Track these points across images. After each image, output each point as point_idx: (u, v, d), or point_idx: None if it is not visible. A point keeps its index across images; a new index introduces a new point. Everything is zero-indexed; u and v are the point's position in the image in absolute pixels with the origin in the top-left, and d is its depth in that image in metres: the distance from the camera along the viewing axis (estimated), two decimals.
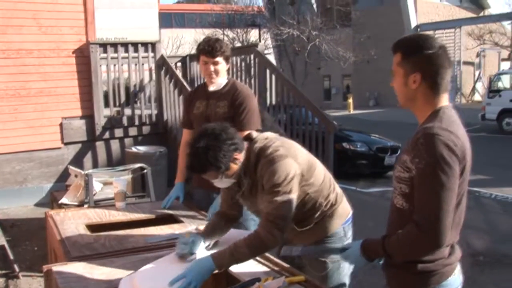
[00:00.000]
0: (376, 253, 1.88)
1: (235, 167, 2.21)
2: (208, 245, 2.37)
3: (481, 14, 30.77)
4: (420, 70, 1.78)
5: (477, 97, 28.31)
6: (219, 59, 3.19)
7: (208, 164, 2.13)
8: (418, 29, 26.93)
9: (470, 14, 29.84)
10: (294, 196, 2.17)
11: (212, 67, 3.19)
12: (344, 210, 2.47)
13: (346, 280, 2.49)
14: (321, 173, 2.38)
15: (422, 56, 1.78)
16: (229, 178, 2.24)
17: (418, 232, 1.70)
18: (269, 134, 2.34)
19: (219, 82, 3.25)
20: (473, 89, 29.00)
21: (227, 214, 2.47)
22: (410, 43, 1.83)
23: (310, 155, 2.39)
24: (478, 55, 28.94)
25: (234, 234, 2.49)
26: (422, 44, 1.79)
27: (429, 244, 1.71)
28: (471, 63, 29.18)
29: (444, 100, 1.83)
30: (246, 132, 3.04)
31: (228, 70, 3.35)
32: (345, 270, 2.44)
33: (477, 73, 29.09)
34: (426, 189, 1.70)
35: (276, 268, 2.24)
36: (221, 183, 2.26)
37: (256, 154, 2.23)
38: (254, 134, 2.35)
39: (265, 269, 2.25)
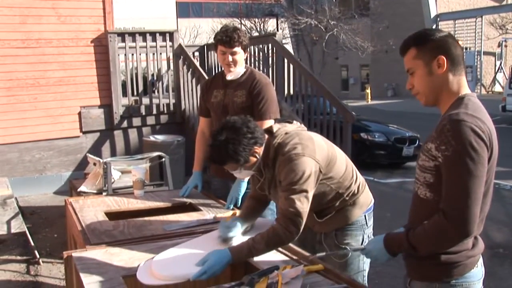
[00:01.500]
0: (399, 246, 1.83)
1: (254, 160, 2.23)
2: (247, 228, 2.43)
3: (504, 2, 30.17)
4: (441, 52, 1.77)
5: (497, 88, 27.82)
6: (237, 49, 3.16)
7: (228, 157, 2.17)
8: (438, 19, 26.52)
9: (492, 3, 29.24)
10: (310, 194, 2.18)
11: (230, 57, 3.17)
12: (366, 199, 2.46)
13: (366, 268, 2.48)
14: (342, 165, 2.36)
15: (437, 40, 1.78)
16: (248, 170, 2.27)
17: (445, 221, 1.67)
18: (290, 128, 2.32)
19: (237, 71, 3.23)
20: (494, 80, 28.51)
21: (260, 197, 2.49)
22: (419, 35, 1.82)
23: (331, 148, 2.36)
24: (499, 45, 28.39)
25: (263, 222, 2.56)
26: (431, 32, 1.81)
27: (457, 233, 1.68)
28: (492, 53, 28.65)
29: (466, 87, 1.81)
30: (265, 122, 3.03)
31: (246, 59, 3.33)
32: (365, 258, 2.43)
33: (498, 63, 28.58)
34: (454, 177, 1.66)
35: (295, 257, 2.24)
36: (241, 174, 2.30)
37: (275, 150, 2.24)
38: (275, 127, 2.33)
39: (284, 257, 2.25)
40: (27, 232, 4.56)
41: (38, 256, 4.54)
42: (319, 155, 2.23)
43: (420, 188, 1.82)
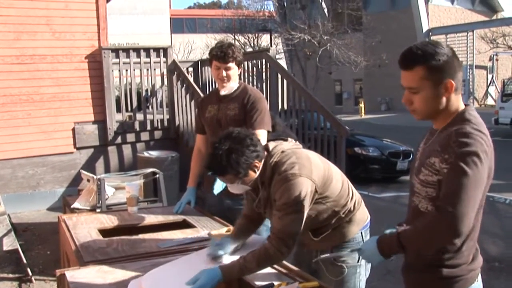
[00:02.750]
0: (390, 247, 1.80)
1: (253, 174, 2.20)
2: (237, 247, 2.40)
3: (494, 17, 30.52)
4: (450, 76, 1.75)
5: (490, 101, 28.05)
6: (231, 64, 3.21)
7: (229, 167, 2.12)
8: (430, 33, 26.79)
9: (482, 18, 29.60)
10: (304, 214, 2.16)
11: (224, 72, 3.21)
12: (362, 215, 2.45)
13: (362, 285, 2.46)
14: (338, 183, 2.34)
15: (448, 62, 1.74)
16: (245, 185, 2.23)
17: (439, 216, 1.65)
18: (286, 147, 2.29)
19: (231, 86, 3.27)
20: (486, 93, 28.76)
21: (252, 216, 2.46)
22: (429, 54, 1.74)
23: (327, 166, 2.33)
24: (491, 58, 28.69)
25: (255, 239, 2.53)
26: (441, 51, 1.74)
27: (449, 230, 1.63)
28: (484, 67, 28.93)
29: (461, 101, 1.82)
30: (258, 132, 3.04)
31: (239, 75, 3.36)
32: (361, 275, 2.41)
33: (490, 77, 28.84)
34: (454, 177, 1.65)
35: (289, 274, 2.23)
36: (236, 188, 2.26)
37: (272, 169, 2.21)
38: (271, 145, 2.29)
39: (278, 273, 2.23)
40: (20, 249, 4.51)
41: (30, 273, 4.49)
42: (315, 175, 2.20)
43: (421, 202, 1.81)
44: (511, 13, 28.99)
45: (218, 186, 3.13)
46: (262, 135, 3.07)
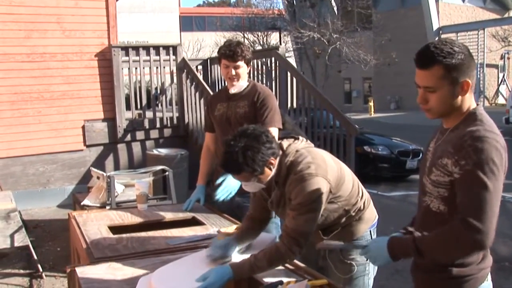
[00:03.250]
0: (405, 251, 1.78)
1: (269, 172, 2.18)
2: (241, 249, 2.37)
3: (506, 15, 30.26)
4: (467, 76, 1.73)
5: (501, 100, 27.80)
6: (240, 63, 3.20)
7: (245, 165, 2.10)
8: (440, 32, 26.60)
9: (494, 16, 29.34)
10: (318, 214, 2.16)
11: (233, 71, 3.21)
12: (371, 214, 2.45)
13: (371, 283, 2.46)
14: (350, 183, 2.33)
15: (464, 61, 1.72)
16: (260, 183, 2.21)
17: (462, 229, 1.64)
18: (300, 146, 2.28)
19: (240, 84, 3.26)
20: (497, 92, 28.52)
21: (258, 217, 2.45)
22: (448, 54, 1.71)
23: (340, 166, 2.33)
24: (502, 57, 28.44)
25: (263, 238, 2.51)
26: (459, 50, 1.72)
27: (473, 243, 1.64)
28: (495, 66, 28.68)
29: (473, 100, 1.81)
30: (269, 130, 3.04)
31: (249, 73, 3.36)
32: (370, 273, 2.41)
33: (501, 75, 28.60)
34: (475, 189, 1.64)
35: (298, 271, 2.23)
36: (251, 187, 2.23)
37: (287, 168, 2.20)
38: (285, 144, 2.28)
39: (287, 272, 2.23)
40: (30, 245, 4.55)
41: (41, 270, 4.52)
42: (330, 175, 2.20)
43: (433, 202, 1.80)
44: None
45: (223, 192, 3.08)
46: (273, 133, 3.06)
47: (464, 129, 1.72)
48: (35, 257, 4.59)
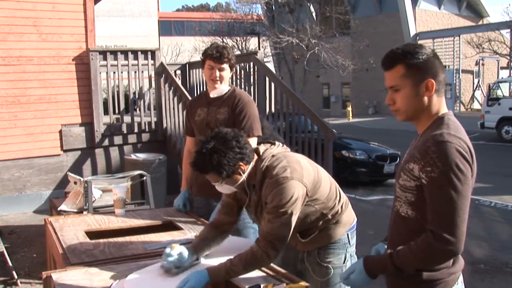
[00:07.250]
0: (382, 269, 1.82)
1: (238, 177, 2.20)
2: (197, 259, 2.31)
3: (480, 22, 30.87)
4: (431, 76, 1.77)
5: (476, 105, 28.34)
6: (225, 65, 3.24)
7: (211, 166, 2.14)
8: (417, 37, 27.00)
9: (469, 23, 29.93)
10: (294, 217, 2.17)
11: (217, 72, 3.23)
12: (349, 217, 2.47)
13: (348, 287, 2.48)
14: (327, 186, 2.35)
15: (428, 61, 1.77)
16: (230, 186, 2.24)
17: (434, 241, 1.69)
18: (276, 151, 2.30)
19: (222, 88, 3.28)
20: (472, 97, 29.05)
21: (221, 223, 2.43)
22: (408, 52, 1.78)
23: (316, 169, 2.35)
24: (477, 63, 28.98)
25: (238, 243, 2.51)
26: (421, 51, 1.78)
27: (447, 252, 1.69)
28: (470, 71, 29.22)
29: (445, 106, 1.84)
30: (248, 139, 3.05)
31: (230, 78, 3.38)
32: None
33: (476, 81, 29.13)
34: (442, 197, 1.68)
35: (276, 275, 2.24)
36: (222, 188, 2.27)
37: (263, 173, 2.22)
38: (261, 149, 2.30)
39: (265, 275, 2.24)
40: (5, 252, 4.48)
41: (16, 277, 4.45)
42: (306, 178, 2.22)
43: (402, 207, 1.84)
44: (497, 19, 29.33)
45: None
46: (252, 142, 3.06)
47: (429, 134, 1.75)
48: (10, 263, 4.51)
